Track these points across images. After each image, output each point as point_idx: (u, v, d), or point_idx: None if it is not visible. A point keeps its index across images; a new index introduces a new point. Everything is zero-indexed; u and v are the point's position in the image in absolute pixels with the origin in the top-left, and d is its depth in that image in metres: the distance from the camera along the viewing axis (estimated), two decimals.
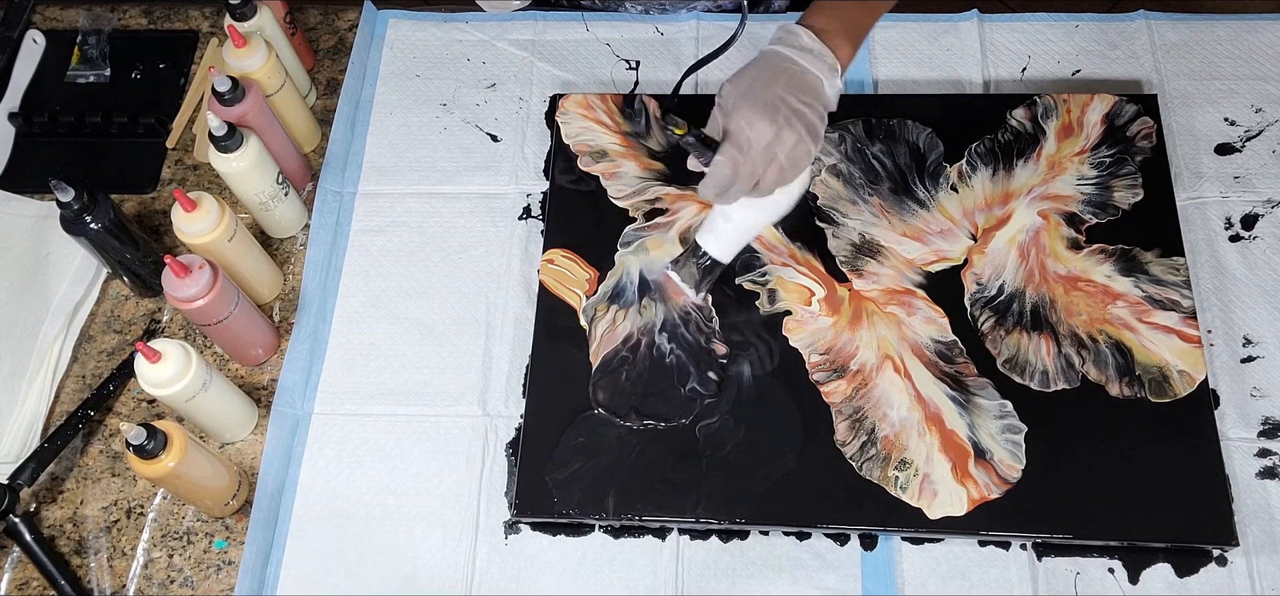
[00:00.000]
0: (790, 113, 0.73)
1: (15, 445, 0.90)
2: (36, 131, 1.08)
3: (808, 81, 0.74)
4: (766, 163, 0.74)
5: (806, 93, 0.74)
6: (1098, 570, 0.81)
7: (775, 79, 0.73)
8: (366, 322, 0.96)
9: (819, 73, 0.74)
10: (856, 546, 0.83)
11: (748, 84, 0.74)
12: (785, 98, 0.73)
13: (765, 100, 0.73)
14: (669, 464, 0.85)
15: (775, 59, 0.74)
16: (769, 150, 0.73)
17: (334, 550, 0.86)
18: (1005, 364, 0.87)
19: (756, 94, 0.73)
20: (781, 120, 0.73)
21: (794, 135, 0.73)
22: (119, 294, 0.99)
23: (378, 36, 1.12)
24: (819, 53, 0.74)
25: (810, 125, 0.74)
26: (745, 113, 0.73)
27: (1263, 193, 0.96)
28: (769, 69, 0.74)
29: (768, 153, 0.73)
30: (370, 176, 1.03)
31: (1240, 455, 0.84)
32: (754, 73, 0.75)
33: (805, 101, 0.73)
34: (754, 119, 0.73)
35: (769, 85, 0.73)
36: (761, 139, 0.73)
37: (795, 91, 0.73)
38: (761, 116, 0.72)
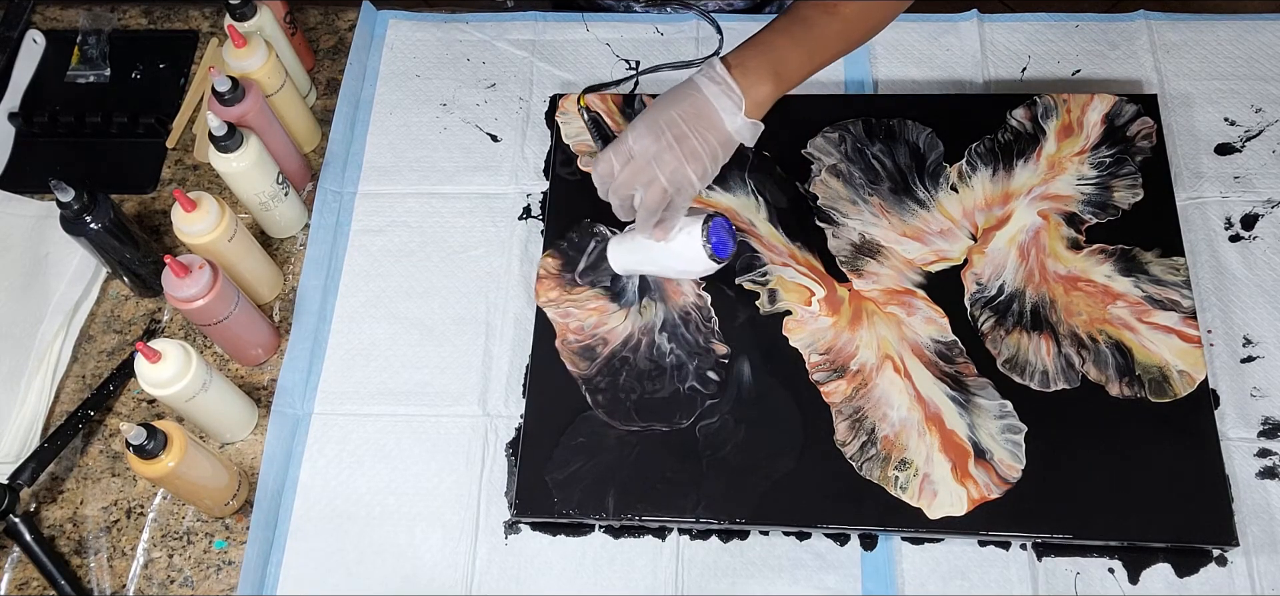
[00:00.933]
0: (675, 137, 0.76)
1: (15, 445, 0.90)
2: (36, 131, 1.08)
3: (706, 112, 0.76)
4: (646, 180, 0.77)
5: (701, 122, 0.76)
6: (1098, 570, 0.81)
7: (676, 103, 0.76)
8: (366, 322, 0.96)
9: (720, 107, 0.76)
10: (856, 546, 0.83)
11: (656, 104, 0.78)
12: (677, 122, 0.76)
13: (659, 121, 0.76)
14: (669, 464, 0.85)
15: (686, 87, 0.77)
16: (649, 167, 0.76)
17: (334, 550, 0.86)
18: (1005, 364, 0.87)
19: (656, 113, 0.77)
20: (665, 142, 0.76)
21: (674, 159, 0.76)
22: (119, 294, 0.99)
23: (377, 36, 1.12)
24: (725, 87, 0.76)
25: (694, 152, 0.76)
26: (639, 126, 0.77)
27: (1263, 193, 0.96)
28: (677, 94, 0.77)
29: (647, 168, 0.76)
30: (370, 176, 1.03)
31: (1240, 455, 0.84)
32: (667, 96, 0.78)
33: (696, 130, 0.76)
34: (642, 133, 0.76)
35: (669, 108, 0.76)
36: (643, 152, 0.76)
37: (690, 119, 0.76)
38: (649, 133, 0.76)
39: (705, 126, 0.76)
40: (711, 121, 0.76)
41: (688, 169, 0.76)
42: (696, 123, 0.76)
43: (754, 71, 0.77)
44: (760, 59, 0.77)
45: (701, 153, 0.76)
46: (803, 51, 0.78)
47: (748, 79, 0.76)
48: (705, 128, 0.76)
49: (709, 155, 0.77)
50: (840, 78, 1.05)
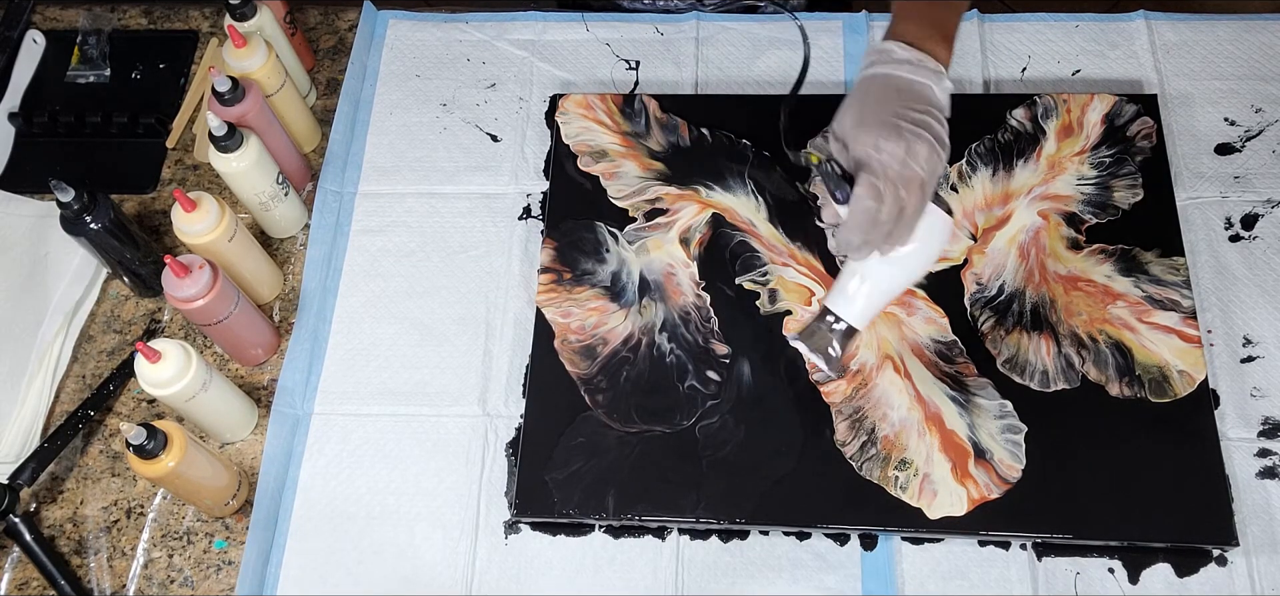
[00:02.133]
0: (914, 126, 0.70)
1: (15, 445, 0.90)
2: (36, 131, 1.08)
3: (919, 91, 0.71)
4: (906, 182, 0.70)
5: (922, 102, 0.71)
6: (1098, 570, 0.81)
7: (886, 98, 0.71)
8: (366, 322, 0.96)
9: (925, 80, 0.72)
10: (856, 546, 0.83)
11: (859, 112, 0.71)
12: (904, 112, 0.70)
13: (885, 120, 0.70)
14: (669, 464, 0.85)
15: (878, 80, 0.72)
16: (905, 167, 0.69)
17: (334, 550, 0.86)
18: (1005, 364, 0.87)
19: (873, 118, 0.70)
20: (909, 134, 0.69)
21: (925, 146, 0.70)
22: (119, 294, 0.99)
23: (378, 36, 1.12)
24: (918, 61, 0.72)
25: (936, 133, 0.71)
26: (870, 137, 0.69)
27: (1263, 193, 0.96)
28: (876, 91, 0.71)
29: (904, 170, 0.69)
30: (370, 176, 1.03)
31: (1240, 455, 0.84)
32: (861, 100, 0.72)
33: (924, 110, 0.71)
34: (881, 141, 0.69)
35: (882, 106, 0.70)
36: (895, 158, 0.69)
37: (911, 104, 0.71)
38: (888, 136, 0.69)
39: (927, 104, 0.71)
40: (930, 98, 0.71)
41: (940, 154, 0.71)
42: (922, 104, 0.71)
43: (927, 39, 0.73)
44: (923, 27, 0.74)
45: (942, 133, 0.71)
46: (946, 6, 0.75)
47: (928, 46, 0.73)
48: (928, 105, 0.71)
49: (945, 130, 0.72)
50: (840, 78, 1.05)
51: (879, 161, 0.69)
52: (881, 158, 0.69)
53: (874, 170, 0.70)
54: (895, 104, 0.71)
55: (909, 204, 0.71)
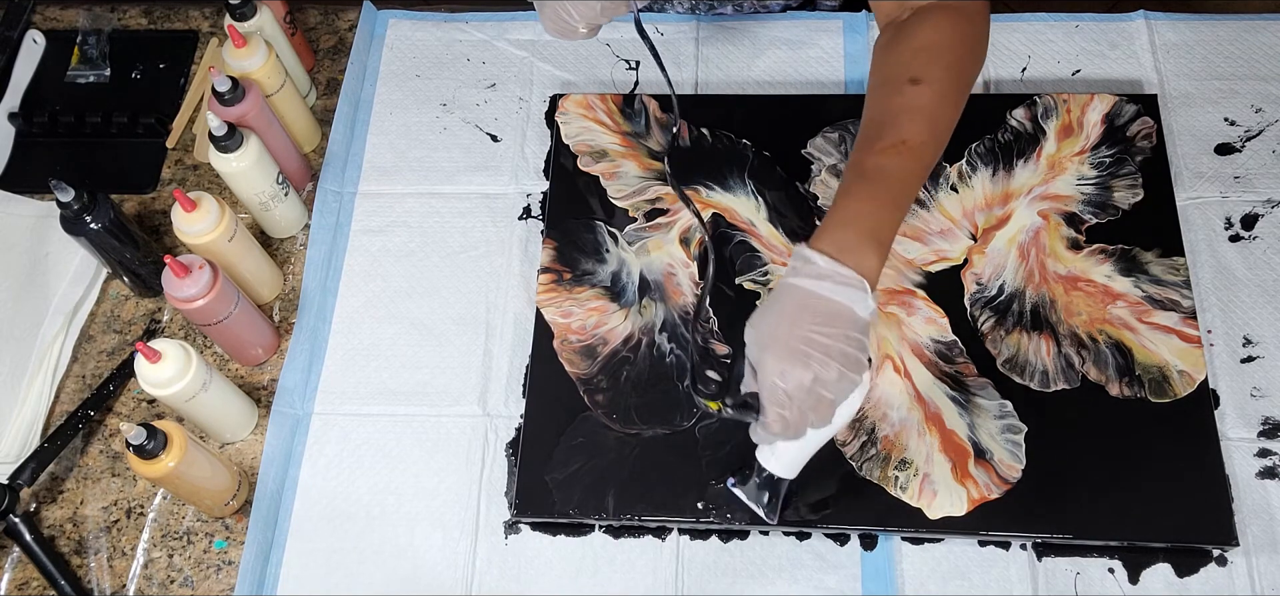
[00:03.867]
0: (822, 352, 0.67)
1: (15, 445, 0.90)
2: (36, 131, 1.08)
3: (835, 310, 0.67)
4: (814, 404, 0.68)
5: (836, 324, 0.67)
6: (1098, 570, 0.81)
7: (798, 319, 0.67)
8: (366, 322, 0.96)
9: (843, 299, 0.67)
10: (856, 546, 0.83)
11: (770, 329, 0.68)
12: (813, 337, 0.67)
13: (792, 347, 0.67)
14: (669, 464, 0.85)
15: (793, 296, 0.68)
16: (812, 393, 0.67)
17: (334, 550, 0.86)
18: (1005, 364, 0.87)
19: (781, 340, 0.67)
20: (815, 363, 0.67)
21: (834, 371, 0.67)
22: (119, 294, 0.99)
23: (378, 36, 1.12)
24: (838, 275, 0.68)
25: (846, 356, 0.67)
26: (774, 364, 0.67)
27: (1263, 193, 0.96)
28: (789, 308, 0.68)
29: (811, 396, 0.67)
30: (370, 176, 1.03)
31: (1240, 455, 0.84)
32: (774, 315, 0.69)
33: (835, 334, 0.67)
34: (786, 369, 0.67)
35: (793, 327, 0.67)
36: (799, 388, 0.67)
37: (822, 326, 0.67)
38: (793, 364, 0.67)
39: (844, 324, 0.67)
40: (847, 319, 0.67)
41: (851, 374, 0.68)
42: (834, 325, 0.67)
43: (855, 248, 0.69)
44: (856, 235, 0.69)
45: (855, 355, 0.67)
46: (891, 209, 0.71)
47: (853, 258, 0.68)
48: (845, 326, 0.67)
49: (860, 349, 0.68)
50: (840, 77, 1.05)
51: (781, 393, 0.67)
52: (785, 386, 0.67)
53: (777, 399, 0.68)
54: (806, 326, 0.67)
55: (818, 421, 0.70)
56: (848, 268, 0.68)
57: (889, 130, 0.74)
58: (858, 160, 0.73)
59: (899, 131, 0.73)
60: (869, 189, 0.72)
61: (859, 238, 0.70)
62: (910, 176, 0.73)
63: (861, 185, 0.72)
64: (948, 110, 0.76)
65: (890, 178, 0.72)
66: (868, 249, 0.70)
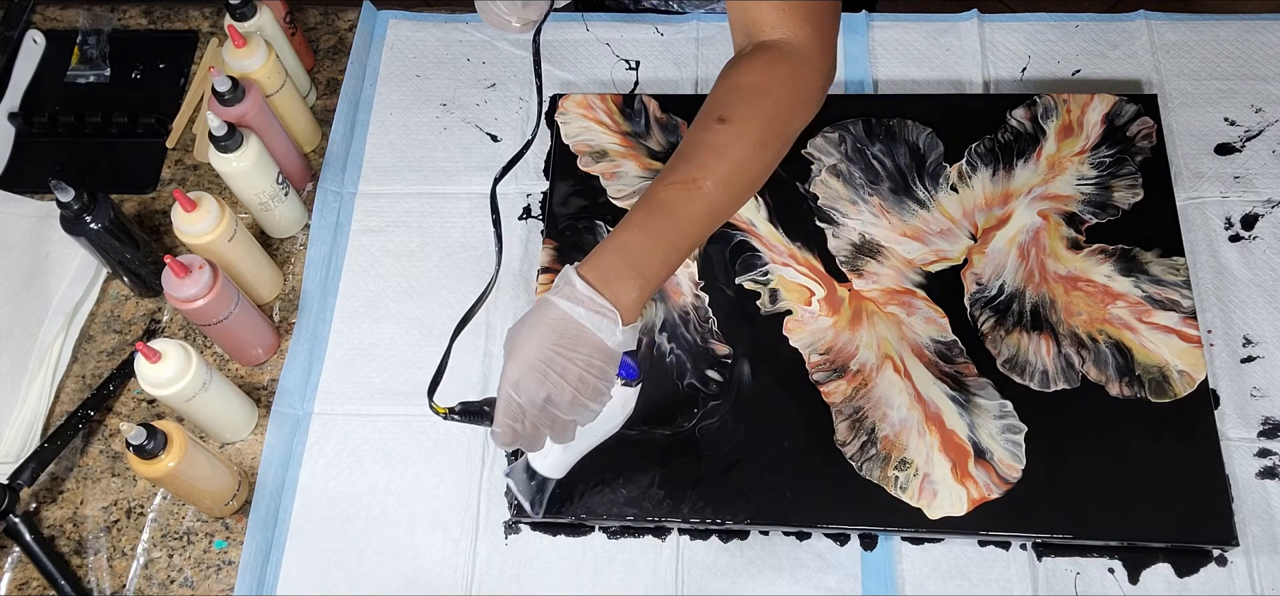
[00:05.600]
0: (560, 373, 0.67)
1: (15, 445, 0.90)
2: (36, 131, 1.08)
3: (583, 336, 0.67)
4: (547, 422, 0.69)
5: (580, 349, 0.67)
6: (1098, 570, 0.81)
7: (547, 336, 0.68)
8: (366, 323, 0.96)
9: (593, 326, 0.67)
10: (856, 546, 0.83)
11: (519, 341, 0.69)
12: (555, 356, 0.67)
13: (533, 360, 0.67)
14: (669, 464, 0.85)
15: (548, 312, 0.68)
16: (545, 412, 0.68)
17: (334, 550, 0.86)
18: (1005, 364, 0.87)
19: (525, 353, 0.68)
20: (551, 383, 0.67)
21: (567, 395, 0.67)
22: (119, 294, 0.99)
23: (377, 36, 1.12)
24: (595, 304, 0.67)
25: (583, 382, 0.68)
26: (513, 372, 0.68)
27: (1263, 193, 0.96)
28: (543, 325, 0.68)
29: (544, 412, 0.68)
30: (370, 176, 1.03)
31: (1240, 455, 0.84)
32: (527, 328, 0.69)
33: (577, 359, 0.67)
34: (522, 380, 0.68)
35: (541, 343, 0.67)
36: (532, 401, 0.68)
37: (567, 349, 0.67)
38: (529, 376, 0.67)
39: (587, 350, 0.67)
40: (593, 344, 0.68)
41: (585, 400, 0.68)
42: (577, 350, 0.67)
43: (617, 278, 0.68)
44: (620, 264, 0.69)
45: (592, 380, 0.68)
46: (665, 247, 0.70)
47: (611, 288, 0.68)
48: (588, 352, 0.67)
49: (600, 377, 0.68)
50: (840, 77, 1.05)
51: (515, 403, 0.68)
52: (518, 399, 0.68)
53: (509, 409, 0.69)
54: (551, 345, 0.67)
55: (558, 435, 0.70)
56: (604, 297, 0.67)
57: (685, 165, 0.71)
58: (651, 188, 0.71)
59: (693, 169, 0.71)
60: (647, 221, 0.70)
61: (623, 268, 0.69)
62: (695, 218, 0.71)
63: (642, 215, 0.70)
64: (752, 155, 0.72)
65: (673, 215, 0.70)
66: (629, 281, 0.68)
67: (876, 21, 1.08)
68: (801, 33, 0.74)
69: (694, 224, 0.71)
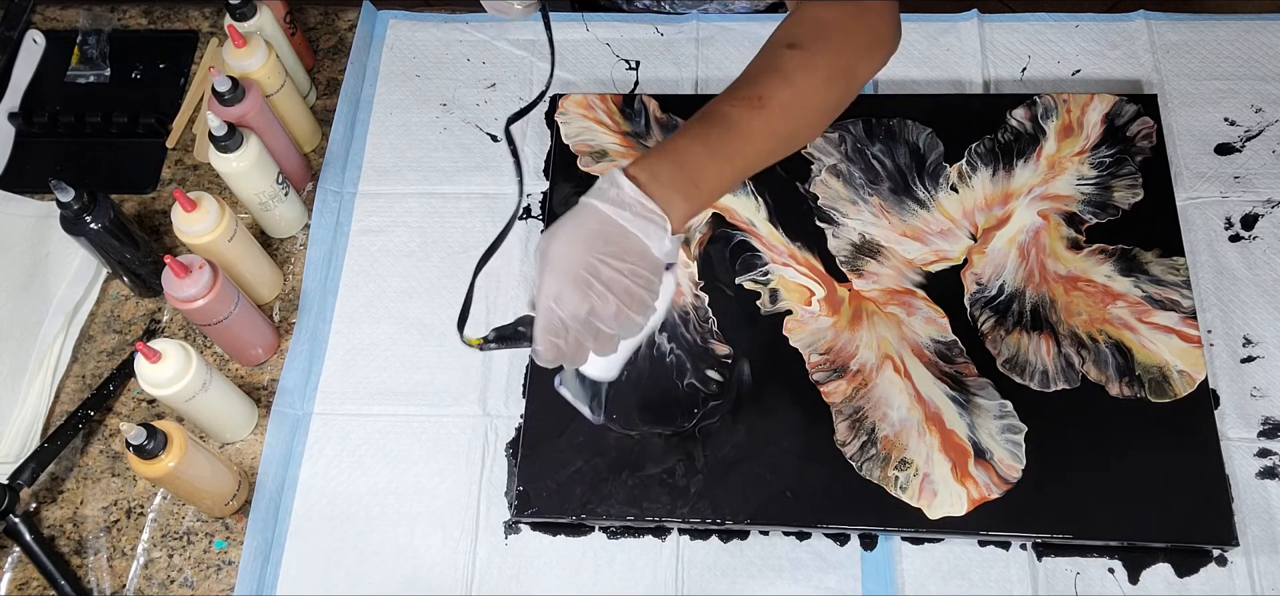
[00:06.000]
0: (604, 283, 0.62)
1: (15, 445, 0.90)
2: (36, 131, 1.08)
3: (629, 243, 0.63)
4: (592, 335, 0.64)
5: (627, 256, 0.63)
6: (1098, 570, 0.81)
7: (591, 242, 0.63)
8: (366, 323, 0.96)
9: (640, 232, 0.63)
10: (856, 546, 0.83)
11: (560, 246, 0.64)
12: (599, 265, 0.62)
13: (575, 270, 0.62)
14: (669, 464, 0.85)
15: (590, 217, 0.63)
16: (588, 325, 0.64)
17: (334, 550, 0.86)
18: (1005, 364, 0.87)
19: (567, 261, 0.63)
20: (595, 294, 0.62)
21: (611, 306, 0.63)
22: (119, 294, 0.99)
23: (377, 36, 1.12)
24: (642, 209, 0.63)
25: (630, 293, 0.63)
26: (552, 285, 0.63)
27: (1263, 193, 0.96)
28: (582, 230, 0.63)
29: (588, 327, 0.64)
30: (370, 176, 1.03)
31: (1240, 455, 0.84)
32: (566, 234, 0.64)
33: (624, 267, 0.63)
34: (563, 293, 0.63)
35: (583, 250, 0.63)
36: (574, 315, 0.63)
37: (612, 256, 0.62)
38: (571, 288, 0.62)
39: (634, 258, 0.63)
40: (639, 253, 0.63)
41: (631, 313, 0.64)
42: (623, 258, 0.63)
43: (669, 184, 0.64)
44: (674, 171, 0.64)
45: (639, 292, 0.63)
46: (721, 160, 0.66)
47: (661, 193, 0.63)
48: (634, 260, 0.63)
49: (647, 289, 0.64)
50: None
51: (556, 317, 0.63)
52: (560, 312, 0.63)
53: (551, 325, 0.64)
54: (597, 251, 0.63)
55: (603, 347, 0.66)
56: (653, 201, 0.63)
57: (750, 83, 0.68)
58: (712, 102, 0.68)
59: (758, 86, 0.68)
60: (706, 132, 0.66)
61: (676, 175, 0.64)
62: (755, 134, 0.67)
63: (701, 126, 0.67)
64: (819, 86, 0.69)
65: (733, 128, 0.66)
66: (681, 189, 0.64)
67: None
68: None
69: (754, 143, 0.67)
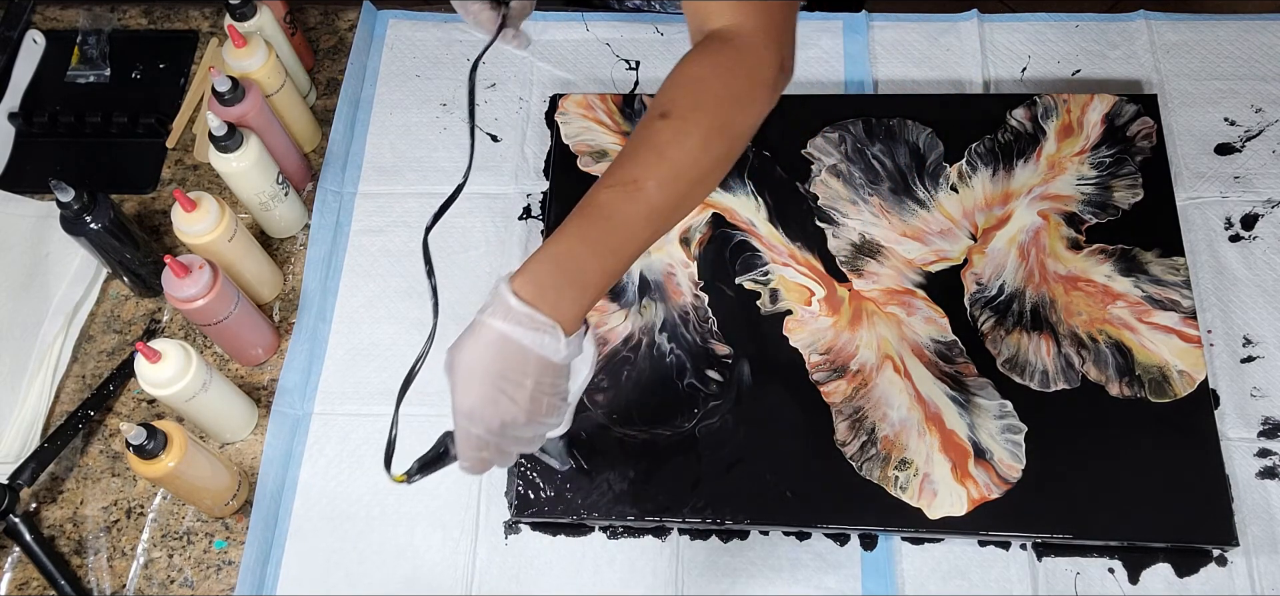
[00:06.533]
0: (510, 398, 0.64)
1: (15, 445, 0.90)
2: (36, 131, 1.08)
3: (526, 357, 0.63)
4: (511, 442, 0.66)
5: (527, 368, 0.64)
6: (1098, 570, 0.81)
7: (491, 360, 0.64)
8: (366, 323, 0.96)
9: (535, 345, 0.63)
10: (856, 546, 0.83)
11: (464, 365, 0.65)
12: (502, 381, 0.64)
13: (482, 389, 0.64)
14: (669, 464, 0.85)
15: (486, 333, 0.64)
16: (506, 430, 0.65)
17: (334, 550, 0.86)
18: (1005, 364, 0.87)
19: (473, 380, 0.64)
20: (503, 407, 0.64)
21: (521, 415, 0.64)
22: (119, 294, 0.99)
23: (377, 36, 1.12)
24: (534, 322, 0.63)
25: (534, 401, 0.64)
26: (464, 403, 0.64)
27: (1263, 193, 0.96)
28: (481, 345, 0.64)
29: (505, 434, 0.65)
30: (370, 176, 1.03)
31: (1240, 455, 0.84)
32: (469, 351, 0.64)
33: (527, 381, 0.64)
34: (474, 410, 0.64)
35: (485, 367, 0.64)
36: (488, 429, 0.65)
37: (514, 371, 0.64)
38: (482, 406, 0.64)
39: (534, 370, 0.64)
40: (537, 362, 0.64)
41: (542, 417, 0.65)
42: (524, 372, 0.63)
43: (554, 290, 0.64)
44: (557, 275, 0.64)
45: (543, 396, 0.65)
46: (605, 254, 0.65)
47: (548, 301, 0.63)
48: (535, 372, 0.64)
49: (552, 393, 0.65)
50: (840, 78, 1.05)
51: (474, 434, 0.65)
52: (474, 430, 0.65)
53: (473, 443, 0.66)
54: (496, 369, 0.64)
55: (521, 447, 0.68)
56: (541, 313, 0.63)
57: (626, 165, 0.66)
58: (591, 190, 0.67)
59: (634, 169, 0.66)
60: (586, 229, 0.66)
61: (560, 279, 0.64)
62: (635, 222, 0.66)
63: (580, 223, 0.66)
64: (696, 152, 0.66)
65: (612, 221, 0.66)
66: (567, 293, 0.64)
67: (876, 21, 1.08)
68: (749, 19, 0.68)
69: (635, 229, 0.66)
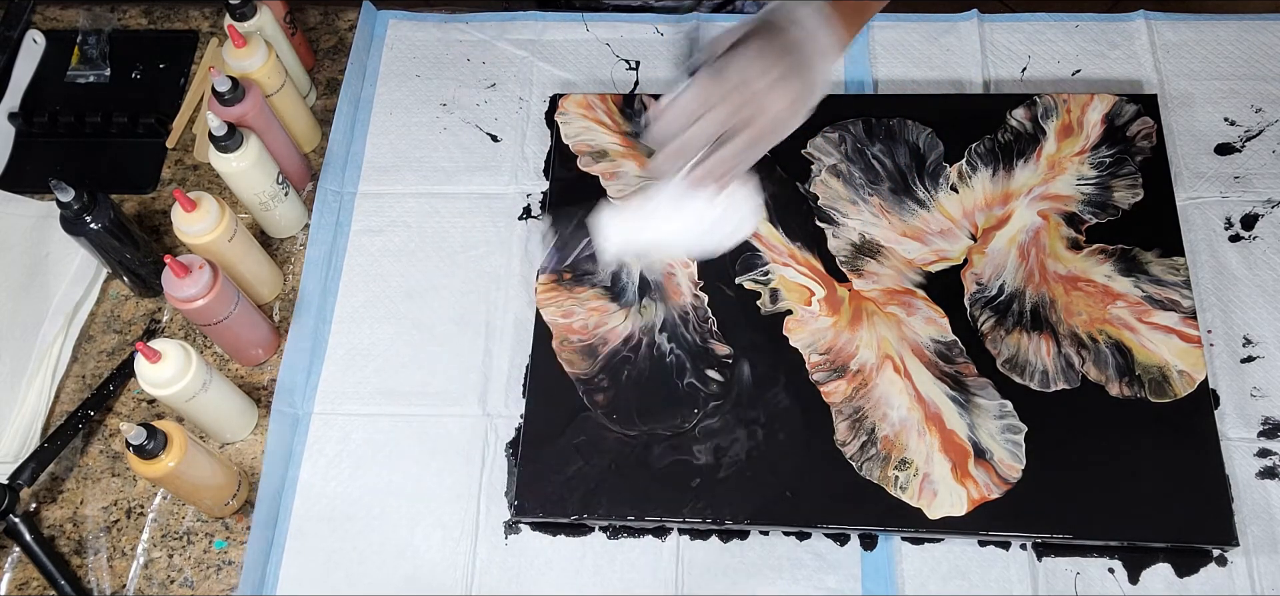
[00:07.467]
0: (783, 72, 0.62)
1: (15, 445, 0.90)
2: (36, 131, 1.08)
3: (807, 52, 0.64)
4: (749, 116, 0.63)
5: (802, 61, 0.64)
6: (1098, 570, 0.81)
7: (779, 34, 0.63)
8: (366, 323, 0.96)
9: (821, 49, 0.64)
10: (856, 546, 0.83)
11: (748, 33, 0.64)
12: (784, 56, 0.63)
13: (767, 50, 0.62)
14: (669, 464, 0.85)
15: (783, 18, 0.63)
16: (755, 101, 0.63)
17: (334, 550, 0.86)
18: (1005, 364, 0.87)
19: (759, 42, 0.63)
20: (775, 76, 0.62)
21: (782, 98, 0.63)
22: (119, 294, 0.99)
23: (377, 36, 1.12)
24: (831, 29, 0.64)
25: (798, 95, 0.63)
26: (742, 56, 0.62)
27: (1263, 193, 0.96)
28: (774, 27, 0.63)
29: (753, 102, 0.63)
30: (370, 176, 1.03)
31: (1240, 455, 0.84)
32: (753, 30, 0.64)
33: (801, 70, 0.63)
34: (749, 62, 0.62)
35: (774, 36, 0.63)
36: (748, 82, 0.62)
37: (794, 53, 0.63)
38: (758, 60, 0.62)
39: (805, 67, 0.63)
40: (811, 63, 0.64)
41: (791, 114, 0.64)
42: (800, 59, 0.63)
43: (849, 14, 0.65)
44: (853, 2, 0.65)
45: (803, 97, 0.63)
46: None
47: (849, 22, 0.65)
48: (805, 68, 0.63)
49: (805, 101, 0.64)
50: (840, 78, 1.05)
51: (733, 74, 0.63)
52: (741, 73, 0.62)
53: (727, 73, 0.63)
54: (782, 41, 0.63)
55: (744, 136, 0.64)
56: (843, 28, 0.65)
57: None
58: None
59: None
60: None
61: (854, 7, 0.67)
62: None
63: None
64: None
65: None
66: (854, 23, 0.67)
67: (876, 21, 1.08)
68: None
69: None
